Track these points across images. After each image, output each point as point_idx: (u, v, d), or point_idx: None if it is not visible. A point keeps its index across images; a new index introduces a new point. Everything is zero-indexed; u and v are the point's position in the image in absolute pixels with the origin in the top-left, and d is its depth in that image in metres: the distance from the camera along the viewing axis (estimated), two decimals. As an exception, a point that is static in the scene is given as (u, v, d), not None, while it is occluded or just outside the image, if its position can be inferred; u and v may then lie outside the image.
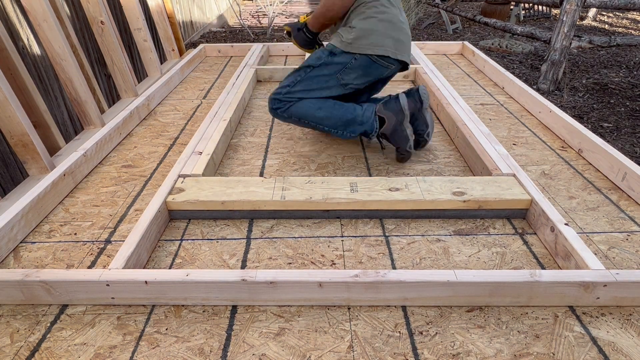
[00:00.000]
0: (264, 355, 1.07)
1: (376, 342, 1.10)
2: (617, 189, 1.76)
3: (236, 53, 3.75)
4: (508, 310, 1.20)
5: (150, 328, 1.15)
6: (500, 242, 1.47)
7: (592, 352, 1.07)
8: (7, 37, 2.12)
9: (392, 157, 2.03)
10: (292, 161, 2.00)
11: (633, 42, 5.08)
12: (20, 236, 1.48)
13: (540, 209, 1.48)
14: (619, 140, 3.78)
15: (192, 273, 1.20)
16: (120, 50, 2.92)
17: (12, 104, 1.89)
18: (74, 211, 1.65)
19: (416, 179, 1.65)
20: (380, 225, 1.55)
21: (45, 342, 1.11)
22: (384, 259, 1.39)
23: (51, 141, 2.40)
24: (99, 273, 1.19)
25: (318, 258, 1.40)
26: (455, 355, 1.06)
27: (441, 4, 8.06)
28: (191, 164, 1.78)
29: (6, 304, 1.22)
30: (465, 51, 3.70)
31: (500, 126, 2.34)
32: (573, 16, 4.50)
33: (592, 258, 1.25)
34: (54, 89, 2.80)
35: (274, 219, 1.59)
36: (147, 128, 2.37)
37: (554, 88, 4.80)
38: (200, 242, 1.48)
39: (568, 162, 1.97)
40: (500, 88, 2.91)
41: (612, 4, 5.07)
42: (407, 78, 3.08)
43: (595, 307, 1.20)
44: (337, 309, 1.20)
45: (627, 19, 8.63)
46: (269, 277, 1.18)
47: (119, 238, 1.50)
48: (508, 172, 1.69)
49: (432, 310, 1.20)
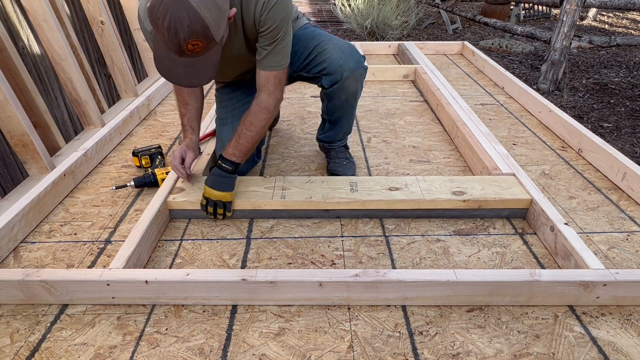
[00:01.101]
0: (264, 355, 1.07)
1: (376, 342, 1.10)
2: (617, 188, 1.76)
3: (236, 53, 3.75)
4: (508, 310, 1.20)
5: (150, 328, 1.15)
6: (500, 242, 1.47)
7: (592, 352, 1.07)
8: (7, 37, 2.12)
9: (392, 157, 2.03)
10: (292, 161, 2.00)
11: (633, 42, 5.07)
12: (21, 236, 1.48)
13: (540, 208, 1.48)
14: (619, 140, 3.78)
15: (192, 273, 1.20)
16: (121, 50, 2.92)
17: (12, 104, 1.89)
18: (74, 211, 1.65)
19: (416, 179, 1.65)
20: (380, 225, 1.55)
21: (45, 342, 1.11)
22: (384, 259, 1.39)
23: (51, 141, 2.39)
24: (99, 273, 1.19)
25: (318, 258, 1.40)
26: (455, 355, 1.06)
27: (441, 4, 8.06)
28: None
29: (6, 304, 1.22)
30: (465, 51, 3.70)
31: (500, 126, 2.34)
32: (573, 16, 4.50)
33: (592, 258, 1.25)
34: (54, 89, 2.80)
35: (274, 219, 1.59)
36: (147, 128, 2.37)
37: (554, 88, 4.80)
38: (200, 242, 1.48)
39: (568, 162, 1.97)
40: (500, 88, 2.91)
41: (612, 4, 5.07)
42: (408, 78, 3.08)
43: (595, 306, 1.20)
44: (337, 309, 1.20)
45: (627, 19, 8.63)
46: (269, 276, 1.18)
47: (119, 238, 1.50)
48: (508, 172, 1.69)
49: (432, 310, 1.20)
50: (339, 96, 1.70)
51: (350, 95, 1.70)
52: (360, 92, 1.76)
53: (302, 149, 2.11)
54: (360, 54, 1.69)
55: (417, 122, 2.40)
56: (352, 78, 1.64)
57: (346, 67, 1.60)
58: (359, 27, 6.81)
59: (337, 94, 1.68)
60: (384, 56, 3.80)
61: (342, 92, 1.68)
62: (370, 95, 2.81)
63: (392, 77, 3.09)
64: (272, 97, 1.49)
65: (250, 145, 1.52)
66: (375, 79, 3.09)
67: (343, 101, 1.72)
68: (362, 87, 1.75)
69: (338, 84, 1.63)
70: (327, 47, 1.64)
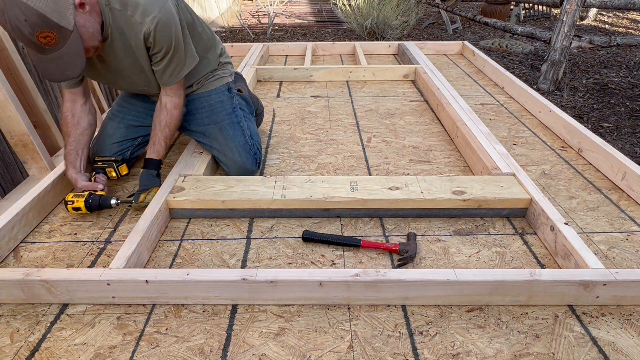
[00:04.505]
0: (264, 355, 1.07)
1: (376, 342, 1.10)
2: (617, 188, 1.76)
3: (236, 53, 3.75)
4: (508, 310, 1.20)
5: (150, 328, 1.15)
6: (500, 242, 1.47)
7: (592, 352, 1.07)
8: (7, 36, 2.12)
9: (392, 156, 2.03)
10: (292, 161, 2.00)
11: (633, 42, 5.08)
12: (21, 236, 1.48)
13: (540, 208, 1.48)
14: (619, 140, 3.78)
15: (192, 272, 1.20)
16: (121, 50, 2.92)
17: (12, 104, 1.89)
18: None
19: (416, 178, 1.65)
20: (380, 225, 1.55)
21: (45, 342, 1.11)
22: (383, 259, 1.39)
23: (51, 141, 2.40)
24: (99, 272, 1.19)
25: (318, 258, 1.40)
26: (455, 355, 1.06)
27: (441, 4, 8.06)
28: (192, 163, 1.78)
29: (6, 304, 1.22)
30: (465, 51, 3.70)
31: (500, 126, 2.34)
32: (573, 16, 4.50)
33: (592, 257, 1.25)
34: (54, 89, 2.80)
35: (274, 219, 1.59)
36: (147, 128, 2.37)
37: (554, 88, 4.80)
38: (200, 242, 1.48)
39: (568, 162, 1.97)
40: (500, 88, 2.91)
41: (612, 4, 5.07)
42: (408, 78, 3.08)
43: (595, 306, 1.20)
44: (337, 309, 1.20)
45: (627, 19, 8.63)
46: (269, 276, 1.18)
47: (119, 238, 1.50)
48: (508, 172, 1.69)
49: (432, 310, 1.20)
50: None
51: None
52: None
53: (302, 149, 2.11)
54: (255, 157, 1.82)
55: (417, 122, 2.40)
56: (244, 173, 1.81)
57: (240, 174, 1.78)
58: (359, 26, 6.81)
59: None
60: (384, 56, 3.80)
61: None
62: (370, 95, 2.81)
63: (392, 77, 3.09)
64: (179, 97, 1.69)
65: (170, 140, 1.73)
66: (375, 79, 3.09)
67: None
68: (258, 170, 1.88)
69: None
70: (225, 157, 1.79)
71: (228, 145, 1.79)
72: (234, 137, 1.80)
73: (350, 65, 3.34)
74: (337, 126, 2.35)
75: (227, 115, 1.83)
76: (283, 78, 3.11)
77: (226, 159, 1.79)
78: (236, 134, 1.81)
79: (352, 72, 3.07)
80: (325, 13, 9.50)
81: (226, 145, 1.79)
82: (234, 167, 1.79)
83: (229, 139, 1.79)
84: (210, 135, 1.82)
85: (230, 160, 1.78)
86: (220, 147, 1.80)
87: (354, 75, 3.08)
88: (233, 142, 1.79)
